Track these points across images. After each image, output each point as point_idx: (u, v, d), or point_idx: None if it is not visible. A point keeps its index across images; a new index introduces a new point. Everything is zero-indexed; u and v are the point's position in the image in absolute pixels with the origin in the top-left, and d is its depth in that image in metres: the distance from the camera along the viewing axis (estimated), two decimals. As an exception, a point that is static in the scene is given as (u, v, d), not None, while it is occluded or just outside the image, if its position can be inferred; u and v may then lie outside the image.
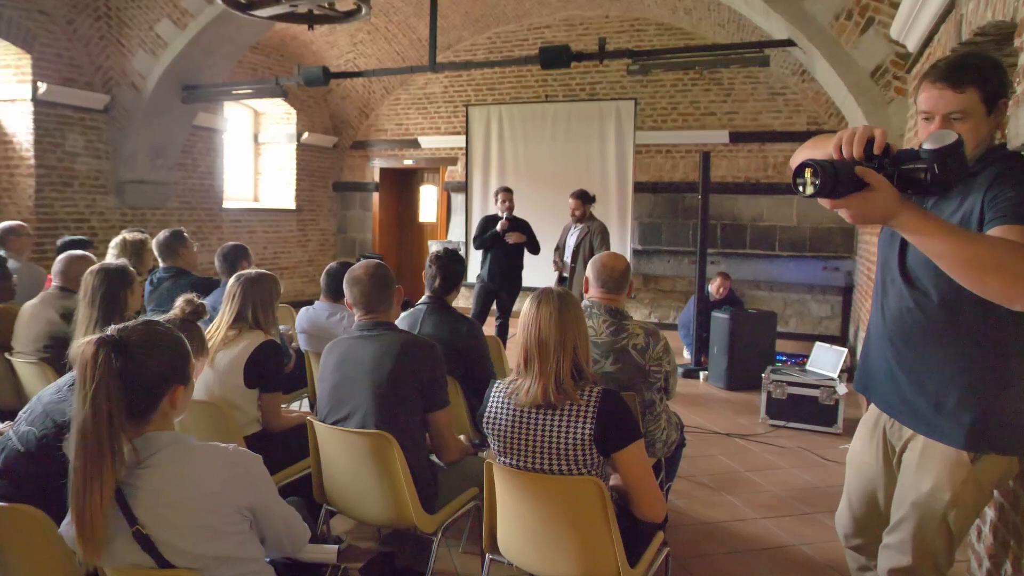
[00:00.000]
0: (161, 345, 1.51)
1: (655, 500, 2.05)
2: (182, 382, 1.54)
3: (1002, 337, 1.60)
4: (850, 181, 1.34)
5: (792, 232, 8.31)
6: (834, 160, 1.39)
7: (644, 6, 8.68)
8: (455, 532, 2.96)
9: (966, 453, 1.63)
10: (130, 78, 7.09)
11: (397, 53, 9.70)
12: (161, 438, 1.47)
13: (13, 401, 3.28)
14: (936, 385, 1.66)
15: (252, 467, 1.54)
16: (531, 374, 1.98)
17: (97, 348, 1.39)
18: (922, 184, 1.38)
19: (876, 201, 1.34)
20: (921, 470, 1.70)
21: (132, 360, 1.43)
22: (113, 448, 1.38)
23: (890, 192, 1.34)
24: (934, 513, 1.68)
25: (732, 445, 4.53)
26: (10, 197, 6.76)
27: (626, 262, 2.89)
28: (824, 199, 1.36)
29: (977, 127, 1.58)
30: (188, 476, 1.45)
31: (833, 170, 1.33)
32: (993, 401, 1.60)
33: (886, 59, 4.67)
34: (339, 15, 4.89)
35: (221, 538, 1.47)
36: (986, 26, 2.62)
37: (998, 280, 1.31)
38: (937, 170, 1.34)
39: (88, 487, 1.35)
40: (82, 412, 1.37)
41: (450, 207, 10.18)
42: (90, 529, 1.36)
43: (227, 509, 1.47)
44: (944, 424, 1.65)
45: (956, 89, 1.57)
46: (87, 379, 1.38)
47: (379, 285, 2.50)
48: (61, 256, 3.55)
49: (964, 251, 1.32)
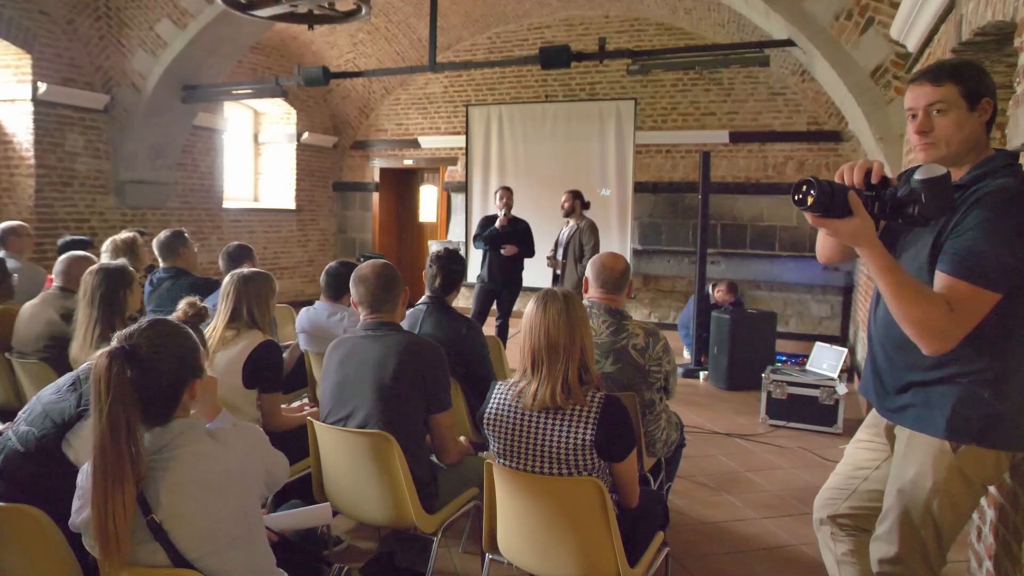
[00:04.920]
0: (170, 345, 1.53)
1: (633, 495, 2.13)
2: (197, 376, 1.57)
3: (990, 337, 1.63)
4: (842, 205, 1.54)
5: (792, 232, 8.31)
6: (833, 182, 1.56)
7: (644, 6, 8.68)
8: (455, 532, 2.96)
9: (948, 443, 1.67)
10: (130, 78, 7.09)
11: (397, 53, 9.70)
12: (181, 424, 1.52)
13: (13, 401, 3.28)
14: (924, 382, 1.70)
15: (262, 438, 1.66)
16: (538, 377, 1.98)
17: (110, 361, 1.41)
18: (910, 215, 1.54)
19: (853, 228, 1.54)
20: (907, 458, 1.75)
21: (144, 368, 1.45)
22: (132, 456, 1.41)
23: (867, 225, 1.54)
24: (917, 501, 1.71)
25: (732, 445, 4.53)
26: (10, 197, 6.76)
27: (626, 262, 2.89)
28: (810, 213, 1.57)
29: (959, 121, 1.65)
30: (212, 453, 1.50)
31: (831, 191, 1.53)
32: (975, 394, 1.64)
33: (886, 59, 4.67)
34: (339, 15, 4.89)
35: (240, 513, 1.52)
36: (986, 26, 2.62)
37: (914, 331, 1.57)
38: (924, 199, 1.51)
39: (110, 499, 1.38)
40: (99, 426, 1.40)
41: (450, 207, 10.18)
42: (115, 541, 1.38)
43: (250, 482, 1.56)
44: (927, 415, 1.70)
45: (934, 83, 1.67)
46: (102, 393, 1.40)
47: (385, 285, 2.50)
48: (63, 256, 3.54)
49: (899, 301, 1.56)
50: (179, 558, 1.44)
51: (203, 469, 1.48)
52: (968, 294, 1.54)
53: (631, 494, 2.12)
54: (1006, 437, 1.66)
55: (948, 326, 1.54)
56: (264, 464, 1.63)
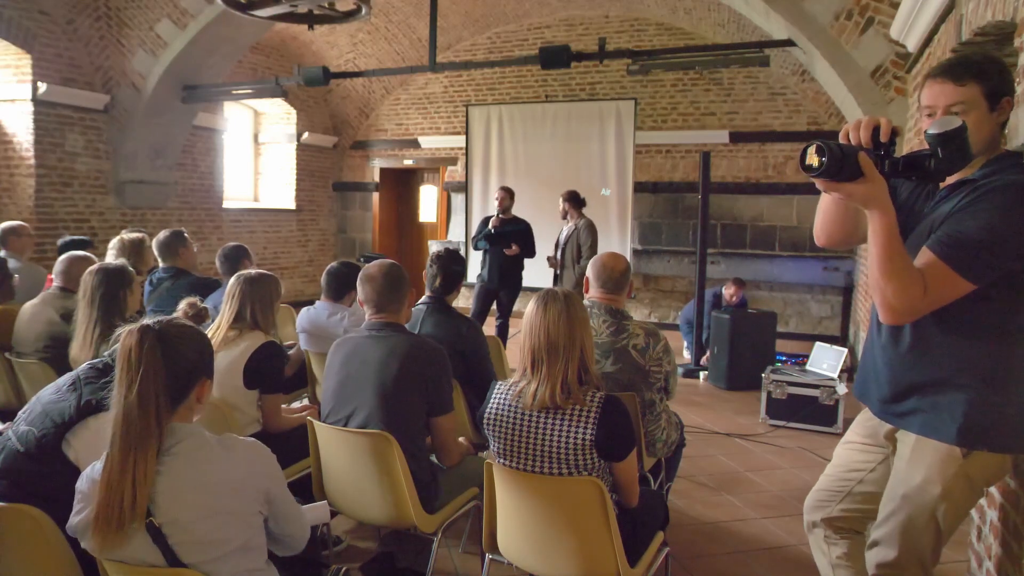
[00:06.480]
0: (192, 338, 1.56)
1: (633, 494, 2.13)
2: (208, 375, 1.60)
3: (994, 336, 1.61)
4: (852, 167, 1.44)
5: (792, 232, 8.31)
6: (842, 144, 1.48)
7: (644, 6, 8.68)
8: (455, 532, 2.96)
9: (958, 448, 1.64)
10: (130, 78, 7.09)
11: (397, 53, 9.70)
12: (184, 428, 1.52)
13: (13, 401, 3.28)
14: (930, 385, 1.67)
15: (271, 458, 1.61)
16: (538, 377, 1.98)
17: (142, 336, 1.45)
18: (926, 170, 1.46)
19: (865, 191, 1.47)
20: (913, 463, 1.71)
21: (172, 348, 1.49)
22: (159, 432, 1.44)
23: (880, 187, 1.47)
24: (924, 507, 1.68)
25: (732, 445, 4.53)
26: (10, 197, 6.76)
27: (626, 262, 2.89)
28: (819, 179, 1.48)
29: (979, 122, 1.59)
30: (214, 462, 1.50)
31: (841, 154, 1.43)
32: (986, 398, 1.61)
33: (886, 59, 4.67)
34: (339, 15, 4.89)
35: (240, 525, 1.51)
36: (986, 26, 2.62)
37: (884, 300, 1.54)
38: (940, 154, 1.43)
39: (129, 473, 1.40)
40: (128, 398, 1.43)
41: (450, 207, 10.19)
42: (118, 517, 1.39)
43: (251, 495, 1.53)
44: (935, 420, 1.66)
45: (956, 82, 1.59)
46: (132, 365, 1.44)
47: (392, 285, 2.50)
48: (63, 256, 3.55)
49: (885, 267, 1.52)
50: (176, 561, 1.44)
51: (202, 475, 1.47)
52: (946, 278, 1.53)
53: (631, 494, 2.12)
54: (1015, 440, 1.65)
55: (917, 304, 1.53)
56: (266, 483, 1.57)
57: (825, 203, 1.80)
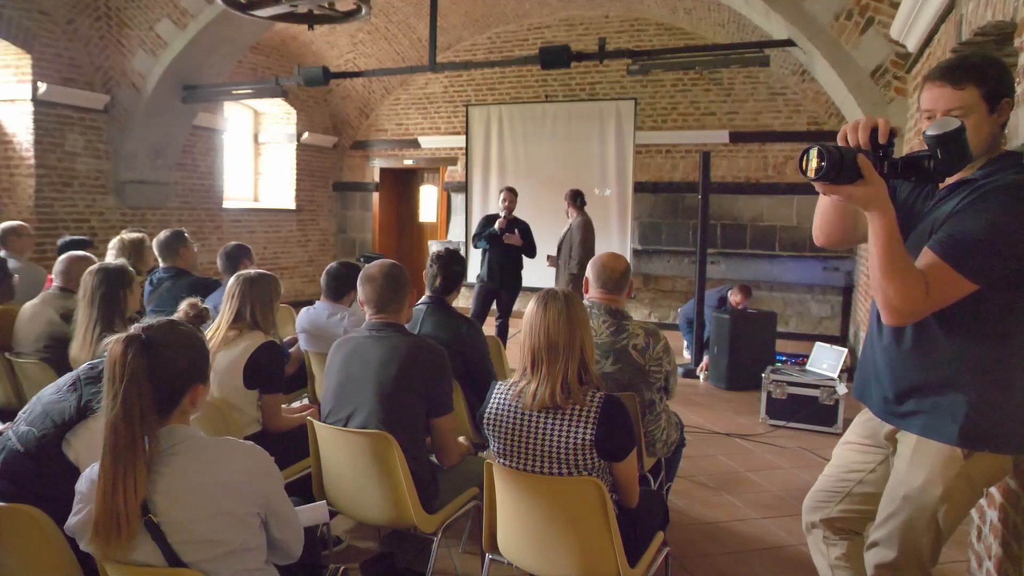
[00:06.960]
0: (184, 344, 1.56)
1: (633, 494, 2.13)
2: (202, 381, 1.59)
3: (995, 337, 1.61)
4: (851, 170, 1.44)
5: (792, 232, 8.31)
6: (840, 147, 1.47)
7: (644, 6, 8.67)
8: (455, 532, 2.95)
9: (960, 449, 1.63)
10: (130, 78, 7.09)
11: (397, 53, 9.70)
12: (182, 431, 1.52)
13: (13, 401, 3.28)
14: (931, 386, 1.67)
15: (269, 462, 1.61)
16: (538, 377, 1.98)
17: (125, 346, 1.44)
18: (925, 171, 1.46)
19: (865, 193, 1.47)
20: (914, 464, 1.70)
21: (158, 357, 1.48)
22: (144, 441, 1.44)
23: (880, 189, 1.46)
24: (925, 508, 1.68)
25: (732, 445, 4.53)
26: (10, 197, 6.76)
27: (626, 262, 2.89)
28: (819, 182, 1.46)
29: (979, 125, 1.58)
30: (213, 463, 1.50)
31: (840, 156, 1.43)
32: (988, 399, 1.61)
33: (886, 59, 4.67)
34: (339, 15, 4.89)
35: (239, 526, 1.51)
36: (986, 26, 2.62)
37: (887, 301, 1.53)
38: (939, 155, 1.42)
39: (120, 482, 1.40)
40: (113, 409, 1.42)
41: (450, 207, 10.19)
42: (116, 526, 1.40)
43: (249, 498, 1.53)
44: (937, 422, 1.66)
45: (955, 86, 1.58)
46: (116, 377, 1.43)
47: (393, 285, 2.49)
48: (63, 256, 3.55)
49: (887, 269, 1.51)
50: (177, 561, 1.44)
51: (201, 477, 1.47)
52: (948, 278, 1.53)
53: (631, 494, 2.12)
54: (1017, 440, 1.64)
55: (920, 305, 1.53)
56: (264, 487, 1.57)
57: (824, 203, 1.80)
